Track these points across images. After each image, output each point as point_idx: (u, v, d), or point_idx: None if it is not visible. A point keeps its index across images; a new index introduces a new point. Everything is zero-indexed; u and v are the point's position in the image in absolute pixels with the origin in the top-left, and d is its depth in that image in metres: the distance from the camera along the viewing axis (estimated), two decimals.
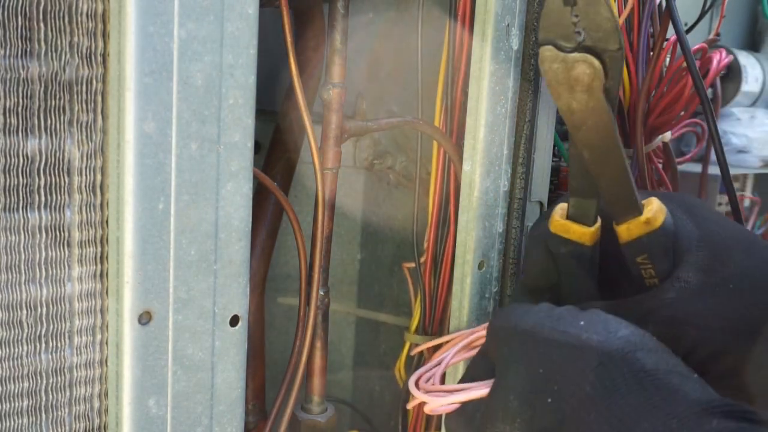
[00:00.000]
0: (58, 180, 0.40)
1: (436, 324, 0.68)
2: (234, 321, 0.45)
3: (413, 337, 0.68)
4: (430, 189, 0.64)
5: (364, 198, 0.77)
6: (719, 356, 0.43)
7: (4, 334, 0.40)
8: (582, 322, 0.41)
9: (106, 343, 0.43)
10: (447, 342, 0.58)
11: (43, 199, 0.40)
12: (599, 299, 0.48)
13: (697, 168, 0.91)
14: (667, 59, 0.69)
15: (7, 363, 0.40)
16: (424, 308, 0.67)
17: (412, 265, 0.68)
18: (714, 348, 0.43)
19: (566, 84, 0.43)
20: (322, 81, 0.59)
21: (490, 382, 0.44)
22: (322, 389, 0.59)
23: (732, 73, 1.00)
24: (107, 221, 0.41)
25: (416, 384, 0.49)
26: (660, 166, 0.74)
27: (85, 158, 0.41)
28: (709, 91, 0.78)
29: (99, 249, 0.42)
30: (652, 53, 0.68)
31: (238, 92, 0.43)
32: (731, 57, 0.98)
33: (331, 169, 0.56)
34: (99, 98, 0.40)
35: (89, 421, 0.43)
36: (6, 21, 0.37)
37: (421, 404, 0.53)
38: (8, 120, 0.38)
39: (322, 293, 0.57)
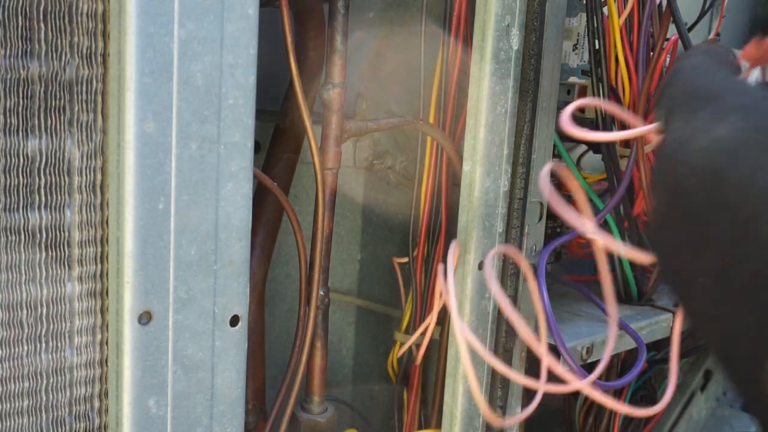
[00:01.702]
0: (58, 180, 0.40)
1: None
2: (234, 321, 0.45)
3: (403, 336, 0.68)
4: (422, 187, 0.65)
5: (364, 198, 0.77)
6: None
7: (4, 334, 0.40)
8: None
9: (106, 343, 0.43)
10: None
11: (43, 199, 0.40)
12: None
13: None
14: (667, 59, 0.69)
15: (7, 363, 0.40)
16: (415, 305, 0.67)
17: (403, 260, 0.68)
18: None
19: None
20: (322, 81, 0.59)
21: None
22: (322, 389, 0.59)
23: None
24: (107, 221, 0.41)
25: None
26: None
27: (85, 158, 0.41)
28: None
29: (99, 249, 0.42)
30: (652, 53, 0.68)
31: (238, 92, 0.43)
32: None
33: (331, 169, 0.56)
34: (99, 98, 0.40)
35: (89, 421, 0.43)
36: (6, 21, 0.37)
37: (416, 401, 0.53)
38: (8, 120, 0.38)
39: (322, 293, 0.57)
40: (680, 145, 0.31)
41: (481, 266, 0.59)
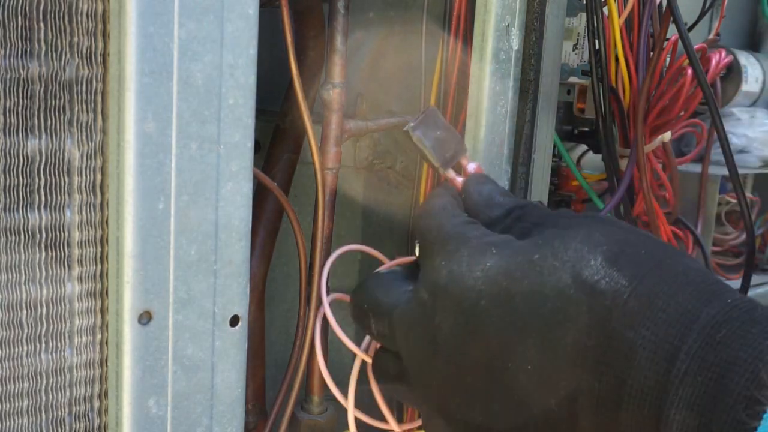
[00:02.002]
0: (58, 180, 0.40)
1: None
2: (234, 321, 0.45)
3: None
4: (422, 187, 0.65)
5: (364, 198, 0.77)
6: None
7: (4, 334, 0.40)
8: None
9: (106, 343, 0.43)
10: None
11: (43, 199, 0.40)
12: None
13: (697, 168, 0.91)
14: (667, 59, 0.69)
15: (7, 363, 0.40)
16: None
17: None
18: None
19: None
20: (322, 81, 0.59)
21: None
22: (321, 389, 0.59)
23: (732, 73, 0.99)
24: (107, 221, 0.41)
25: None
26: (660, 166, 0.74)
27: (85, 158, 0.41)
28: None
29: (99, 249, 0.42)
30: (652, 53, 0.68)
31: (238, 92, 0.43)
32: (731, 57, 0.98)
33: (331, 169, 0.55)
34: (99, 98, 0.40)
35: (89, 421, 0.43)
36: (6, 21, 0.37)
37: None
38: (8, 120, 0.38)
39: None
40: (457, 278, 0.39)
41: None
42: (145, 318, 0.41)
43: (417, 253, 0.44)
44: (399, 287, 0.44)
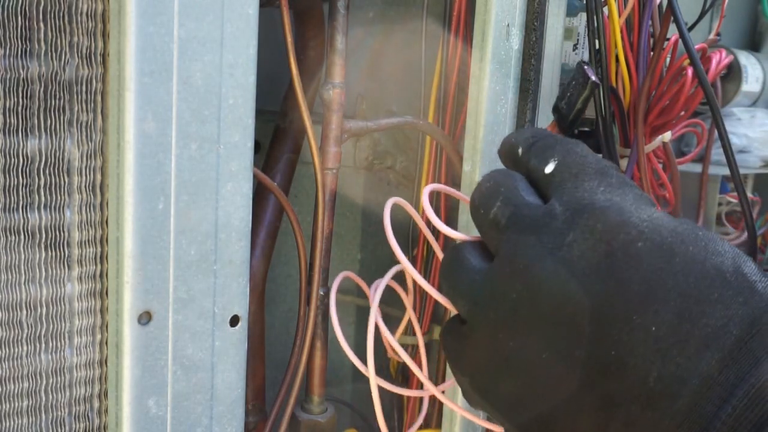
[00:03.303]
0: (58, 180, 0.40)
1: (426, 323, 0.68)
2: (234, 321, 0.45)
3: (402, 337, 0.68)
4: (422, 187, 0.65)
5: (364, 198, 0.77)
6: None
7: (4, 334, 0.40)
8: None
9: (106, 343, 0.43)
10: None
11: (43, 199, 0.40)
12: None
13: (697, 168, 0.91)
14: (667, 59, 0.69)
15: (7, 363, 0.40)
16: (414, 306, 0.67)
17: None
18: None
19: None
20: (322, 81, 0.59)
21: None
22: (322, 389, 0.59)
23: (732, 73, 0.99)
24: (107, 221, 0.41)
25: None
26: (660, 166, 0.74)
27: (85, 158, 0.41)
28: None
29: (99, 249, 0.42)
30: (652, 53, 0.68)
31: (238, 92, 0.43)
32: (731, 57, 0.98)
33: (331, 169, 0.55)
34: (99, 98, 0.40)
35: (89, 422, 0.43)
36: (6, 21, 0.37)
37: (416, 401, 0.53)
38: (8, 120, 0.38)
39: (322, 293, 0.57)
40: (620, 209, 0.36)
41: None
42: (144, 318, 0.41)
43: (548, 171, 0.38)
44: (537, 196, 0.39)
